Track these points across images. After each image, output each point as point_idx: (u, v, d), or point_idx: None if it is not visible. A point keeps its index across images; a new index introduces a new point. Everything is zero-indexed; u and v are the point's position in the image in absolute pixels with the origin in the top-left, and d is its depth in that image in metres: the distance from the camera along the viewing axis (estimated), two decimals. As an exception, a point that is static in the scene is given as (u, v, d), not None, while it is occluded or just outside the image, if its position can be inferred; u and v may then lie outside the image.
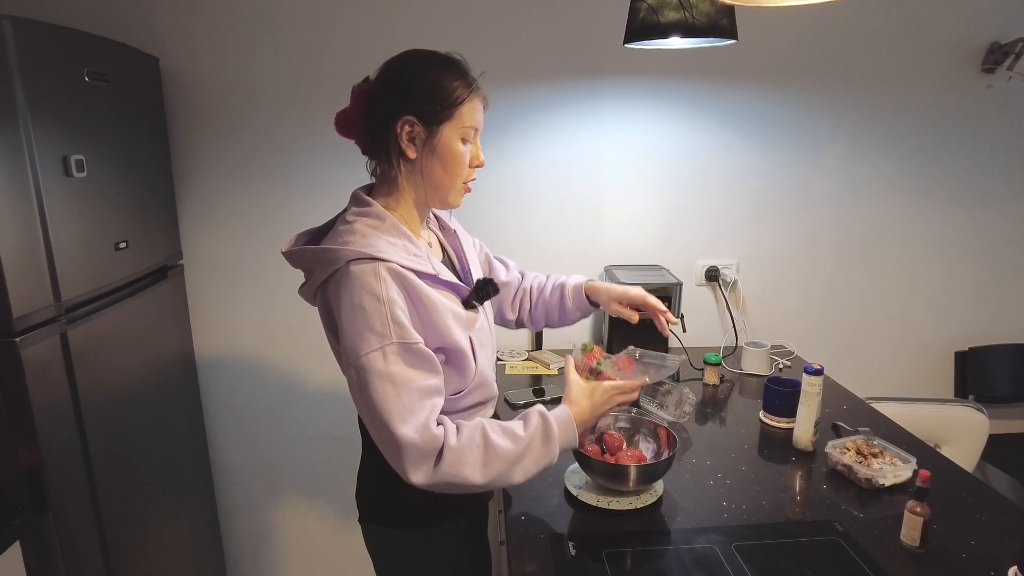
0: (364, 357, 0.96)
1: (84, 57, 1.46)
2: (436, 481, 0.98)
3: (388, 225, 1.06)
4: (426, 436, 0.96)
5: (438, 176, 1.09)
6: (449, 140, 1.07)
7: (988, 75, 2.11)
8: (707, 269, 2.18)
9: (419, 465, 0.97)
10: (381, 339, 0.96)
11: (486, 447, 1.00)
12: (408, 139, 1.06)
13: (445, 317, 1.05)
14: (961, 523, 1.22)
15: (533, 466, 1.04)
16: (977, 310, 2.32)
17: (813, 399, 1.47)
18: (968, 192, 2.22)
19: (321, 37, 1.92)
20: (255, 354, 2.13)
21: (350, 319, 0.98)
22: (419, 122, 1.05)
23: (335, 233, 1.06)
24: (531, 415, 1.07)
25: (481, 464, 0.99)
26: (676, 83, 2.05)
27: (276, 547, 2.32)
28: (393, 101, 1.05)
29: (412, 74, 1.06)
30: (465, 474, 0.98)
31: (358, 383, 0.98)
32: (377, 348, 0.96)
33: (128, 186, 1.64)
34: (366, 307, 0.97)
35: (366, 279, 0.98)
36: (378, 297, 0.97)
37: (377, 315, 0.97)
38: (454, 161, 1.08)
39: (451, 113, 1.05)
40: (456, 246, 1.27)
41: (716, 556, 1.13)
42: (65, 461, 1.37)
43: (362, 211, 1.08)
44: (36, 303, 1.28)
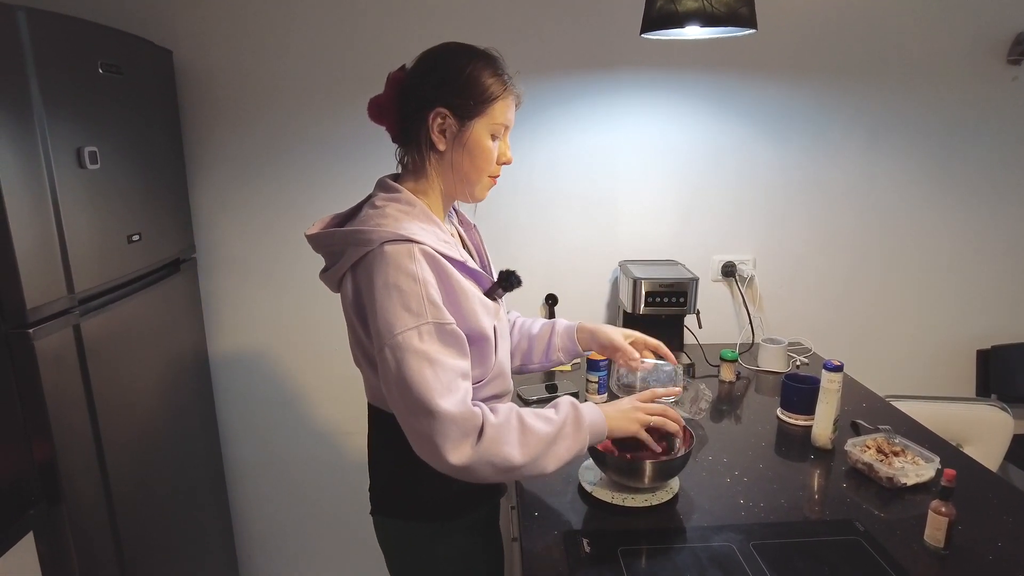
0: (400, 335, 0.96)
1: (98, 49, 1.45)
2: (477, 459, 0.96)
3: (418, 211, 1.07)
4: (465, 412, 0.96)
5: (466, 169, 1.09)
6: (479, 135, 1.07)
7: (1013, 67, 2.07)
8: (723, 264, 2.16)
9: (460, 443, 0.96)
10: (417, 318, 0.96)
11: (522, 427, 1.00)
12: (439, 131, 1.06)
13: (473, 302, 1.05)
14: (987, 524, 1.19)
15: (565, 452, 1.04)
16: (1000, 307, 2.27)
17: (832, 396, 1.44)
18: (991, 187, 2.17)
19: (336, 31, 1.91)
20: (268, 348, 2.13)
21: (385, 299, 0.97)
22: (451, 115, 1.05)
23: (365, 216, 1.06)
24: (561, 402, 1.08)
25: (519, 444, 0.99)
26: (693, 76, 2.02)
27: (289, 541, 2.32)
28: (427, 92, 1.05)
29: (449, 67, 1.06)
30: (506, 452, 0.97)
31: (394, 362, 0.97)
32: (413, 327, 0.96)
33: (141, 179, 1.64)
34: (402, 286, 0.97)
35: (401, 259, 0.98)
36: (414, 277, 0.97)
37: (413, 295, 0.97)
38: (482, 156, 1.09)
39: (484, 109, 1.06)
40: (476, 241, 1.27)
41: (734, 555, 1.11)
42: (78, 453, 1.37)
43: (392, 196, 1.08)
44: (49, 295, 1.28)
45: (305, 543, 2.32)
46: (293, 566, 2.34)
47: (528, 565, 1.10)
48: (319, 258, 1.18)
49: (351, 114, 1.97)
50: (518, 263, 1.76)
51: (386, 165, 1.18)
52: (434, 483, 1.10)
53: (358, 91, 1.95)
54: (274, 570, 2.34)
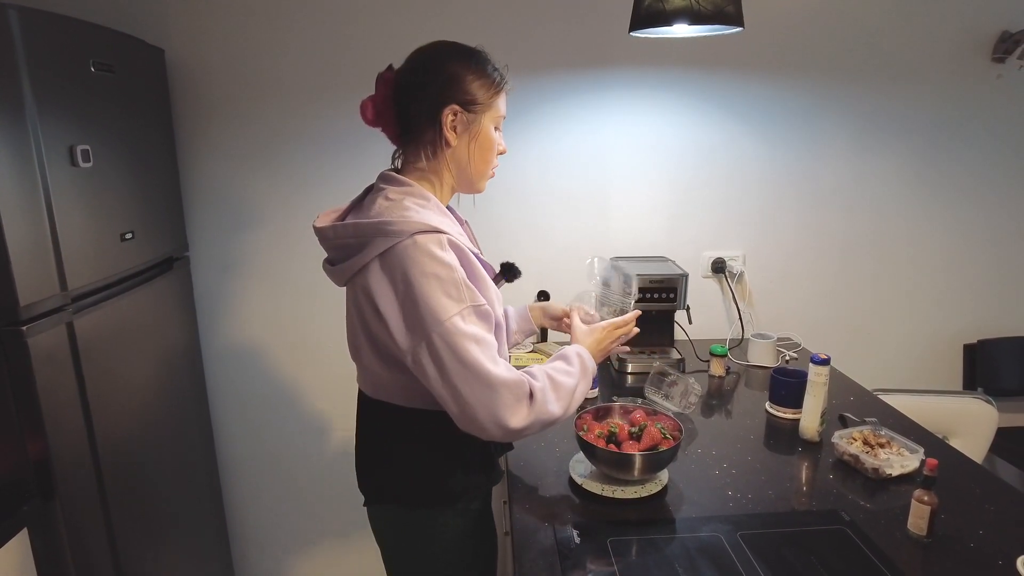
0: (448, 322, 1.00)
1: (90, 48, 1.46)
2: (532, 420, 1.04)
3: (433, 204, 1.11)
4: (517, 378, 1.03)
5: (475, 162, 1.15)
6: (487, 128, 1.14)
7: (998, 65, 2.09)
8: (713, 261, 2.17)
9: (516, 408, 1.03)
10: (459, 303, 1.01)
11: (555, 384, 1.09)
12: (451, 127, 1.10)
13: (490, 290, 1.11)
14: (969, 513, 1.21)
15: (581, 395, 1.13)
16: (986, 302, 2.30)
17: (820, 389, 1.46)
18: (977, 183, 2.20)
19: (329, 30, 1.92)
20: (261, 346, 2.14)
21: (426, 287, 1.00)
22: (464, 111, 1.10)
23: (383, 209, 1.07)
24: (568, 353, 1.18)
25: (557, 400, 1.08)
26: (682, 73, 2.03)
27: (283, 537, 2.32)
28: (435, 91, 1.09)
29: (454, 66, 1.10)
30: (550, 410, 1.06)
31: (446, 347, 1.00)
32: (457, 312, 1.01)
33: (134, 177, 1.64)
34: (440, 274, 1.00)
35: (434, 248, 1.01)
36: (449, 264, 1.02)
37: (451, 281, 1.01)
38: (490, 148, 1.15)
39: (491, 103, 1.12)
40: (470, 236, 1.29)
41: (721, 545, 1.12)
42: (72, 450, 1.38)
43: (405, 190, 1.10)
44: (43, 292, 1.29)
45: (299, 538, 2.33)
46: (287, 561, 2.35)
47: (519, 557, 1.11)
48: (313, 256, 1.20)
49: (344, 112, 1.98)
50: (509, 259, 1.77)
51: (379, 162, 1.19)
52: (427, 470, 1.16)
53: (351, 89, 1.96)
54: (268, 565, 2.35)
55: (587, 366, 1.17)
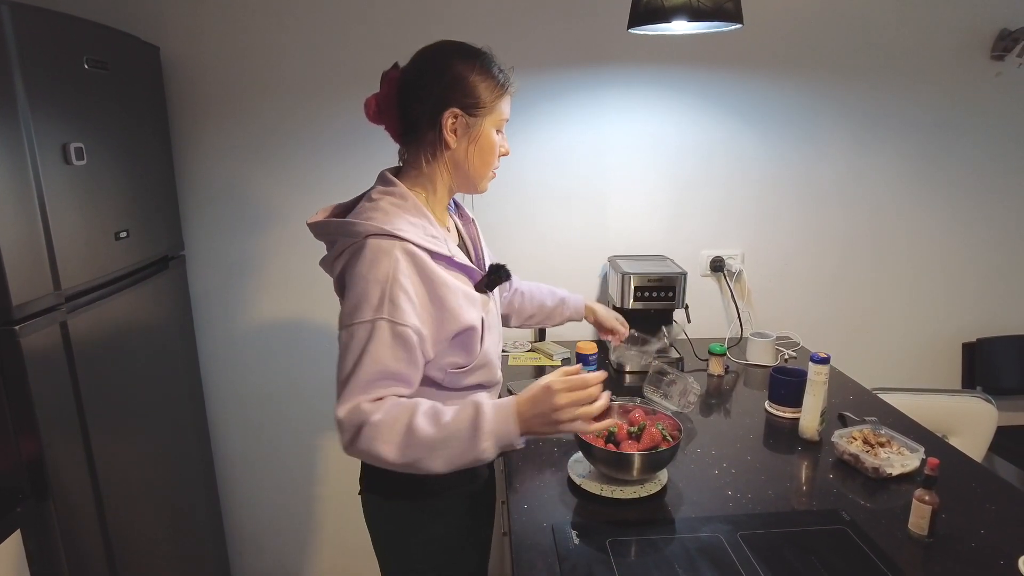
0: (354, 325, 1.01)
1: (84, 44, 1.44)
2: (355, 453, 1.02)
3: (410, 205, 1.11)
4: (354, 416, 1.00)
5: (475, 164, 1.15)
6: (488, 131, 1.13)
7: (997, 62, 2.09)
8: (712, 259, 2.17)
9: (343, 436, 1.02)
10: (374, 312, 1.01)
11: (408, 428, 1.00)
12: (451, 130, 1.10)
13: (457, 297, 1.09)
14: (970, 512, 1.20)
15: (458, 457, 1.01)
16: (985, 301, 2.29)
17: (819, 388, 1.45)
18: (976, 182, 2.19)
19: (326, 28, 1.91)
20: (257, 345, 2.13)
21: (353, 287, 1.03)
22: (464, 114, 1.10)
23: (360, 209, 1.11)
24: (466, 403, 1.03)
25: (398, 444, 0.99)
26: (681, 71, 2.03)
27: (279, 536, 2.31)
28: (437, 93, 1.09)
29: (457, 69, 1.09)
30: (378, 448, 0.99)
31: (341, 346, 1.04)
32: (368, 320, 1.01)
33: (129, 176, 1.63)
34: (369, 279, 1.01)
35: (379, 254, 1.02)
36: (385, 273, 1.01)
37: (376, 289, 1.01)
38: (491, 151, 1.15)
39: (493, 106, 1.12)
40: (473, 234, 1.32)
41: (721, 545, 1.12)
42: (66, 450, 1.36)
43: (387, 190, 1.12)
44: (36, 291, 1.28)
45: (296, 538, 2.32)
46: (283, 560, 2.34)
47: (518, 557, 1.10)
48: (309, 255, 1.21)
49: (341, 111, 1.96)
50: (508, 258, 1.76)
51: (376, 161, 1.20)
52: None
53: (348, 88, 1.94)
54: (265, 564, 2.33)
55: (480, 427, 0.99)
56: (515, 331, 2.16)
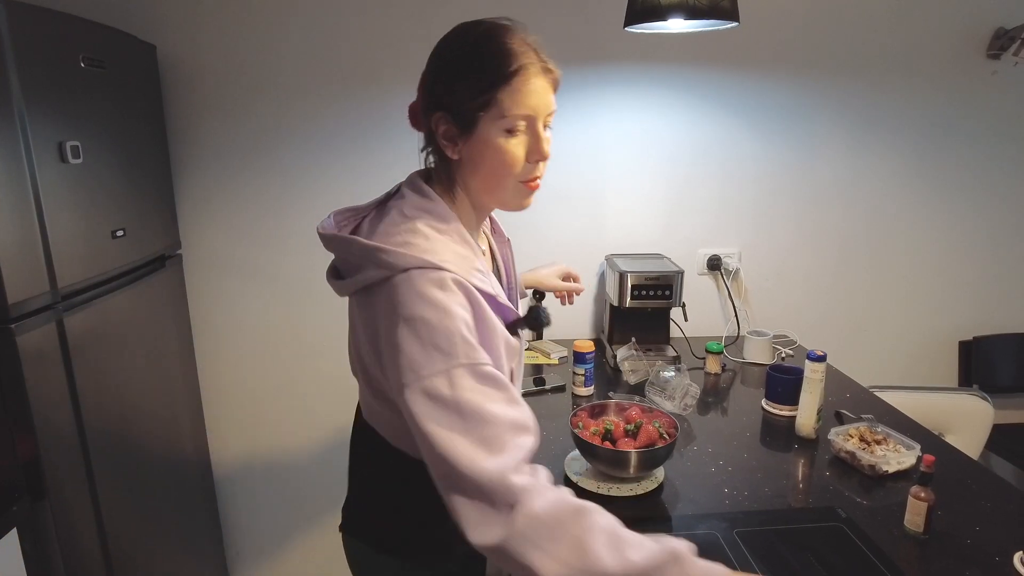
0: (426, 380, 0.79)
1: (80, 43, 1.44)
2: (503, 547, 0.74)
3: (453, 230, 0.91)
4: (497, 481, 0.75)
5: (482, 178, 0.92)
6: (487, 135, 0.88)
7: (993, 61, 2.09)
8: (709, 258, 2.17)
9: (484, 518, 0.75)
10: (447, 359, 0.79)
11: (581, 549, 0.74)
12: (446, 139, 0.90)
13: (500, 345, 0.89)
14: (966, 509, 1.21)
15: None
16: (982, 299, 2.30)
17: (816, 386, 1.45)
18: (973, 180, 2.20)
19: (324, 26, 1.90)
20: (255, 345, 2.12)
21: (409, 334, 0.80)
22: (451, 118, 0.88)
23: (392, 227, 0.88)
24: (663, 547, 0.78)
25: (562, 561, 0.73)
26: (678, 69, 2.03)
27: (277, 536, 2.31)
28: (429, 92, 0.91)
29: (444, 58, 0.90)
30: (532, 558, 0.73)
31: (417, 411, 0.79)
32: (442, 371, 0.79)
33: (125, 174, 1.63)
34: (430, 320, 0.80)
35: (429, 288, 0.81)
36: (445, 308, 0.80)
37: (442, 330, 0.80)
38: (496, 159, 0.89)
39: (485, 102, 0.86)
40: (506, 257, 1.13)
41: (717, 542, 1.12)
42: (63, 449, 1.36)
43: (424, 206, 0.91)
44: (32, 289, 1.27)
45: (294, 538, 2.32)
46: (281, 561, 2.34)
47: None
48: (306, 253, 1.11)
49: (339, 110, 1.96)
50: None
51: (375, 160, 1.15)
52: (409, 516, 1.00)
53: (346, 87, 1.94)
54: (262, 565, 2.33)
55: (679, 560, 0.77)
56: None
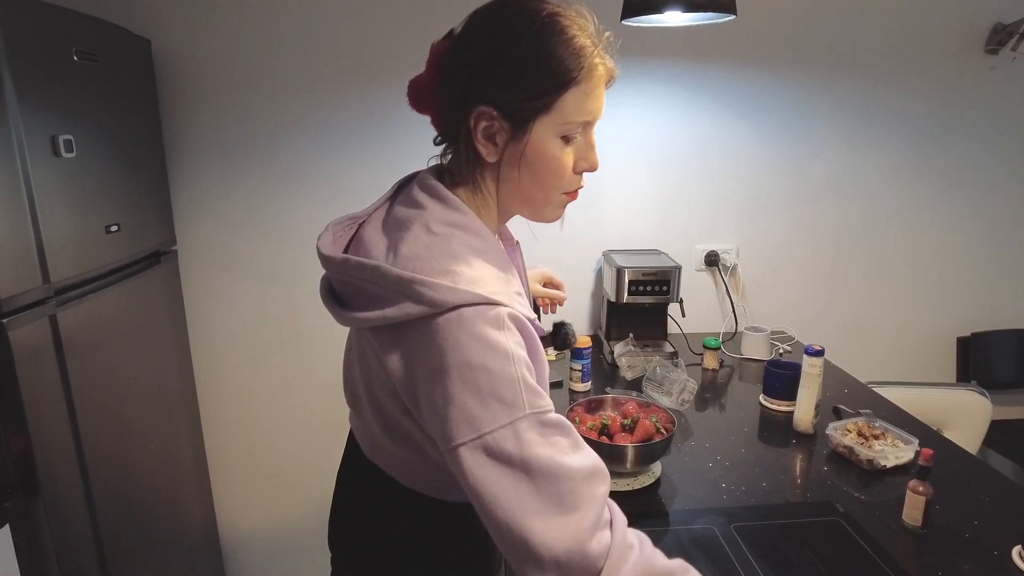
0: (489, 436, 0.69)
1: (73, 36, 1.43)
2: None
3: (491, 249, 0.78)
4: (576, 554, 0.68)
5: (527, 187, 0.81)
6: (542, 141, 0.77)
7: (991, 56, 2.09)
8: (706, 254, 2.16)
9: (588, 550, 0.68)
10: (511, 412, 0.69)
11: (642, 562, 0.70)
12: (484, 137, 0.77)
13: (546, 376, 0.80)
14: (964, 503, 1.20)
15: None
16: (980, 295, 2.30)
17: (814, 381, 1.45)
18: (971, 176, 2.19)
19: (321, 21, 1.89)
20: (250, 341, 2.11)
21: (464, 384, 0.69)
22: (500, 115, 0.76)
23: (422, 249, 0.74)
24: None
25: None
26: (675, 64, 2.02)
27: (273, 534, 2.30)
28: (469, 79, 0.76)
29: (496, 40, 0.75)
30: None
31: (477, 470, 0.69)
32: (506, 424, 0.69)
33: (119, 169, 1.61)
34: (491, 367, 0.69)
35: (487, 330, 0.70)
36: (506, 353, 0.70)
37: (505, 379, 0.69)
38: (549, 170, 0.79)
39: (549, 103, 0.75)
40: (519, 264, 1.00)
41: (715, 537, 1.11)
42: (56, 445, 1.35)
43: (455, 220, 0.77)
44: (24, 284, 1.26)
45: (289, 536, 2.31)
46: (277, 558, 2.33)
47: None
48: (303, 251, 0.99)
49: (337, 105, 1.94)
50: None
51: (373, 158, 1.10)
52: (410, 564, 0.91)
53: (343, 82, 1.93)
54: (259, 562, 2.32)
55: None
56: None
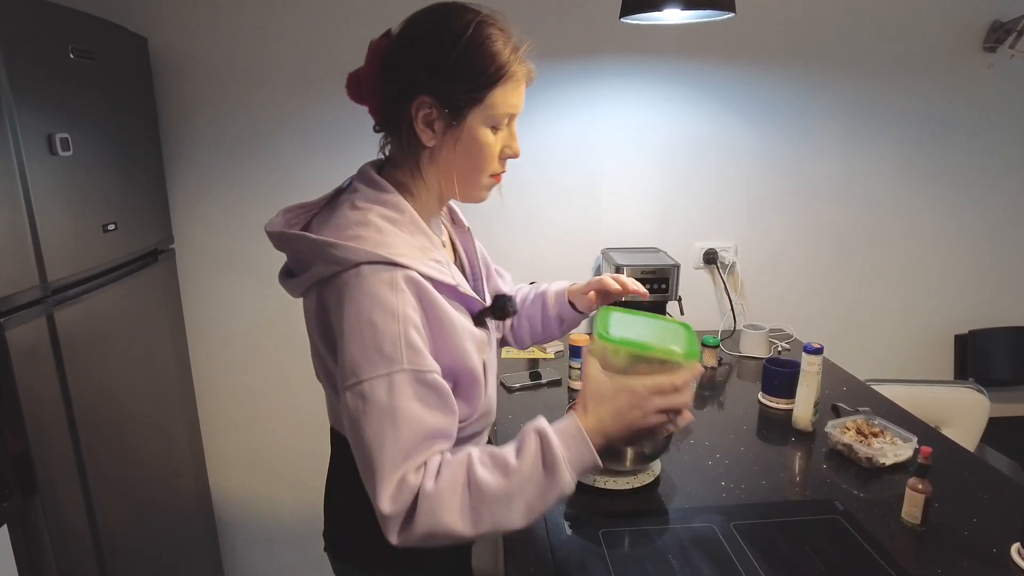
0: (366, 382, 0.80)
1: (68, 34, 1.42)
2: (414, 537, 0.80)
3: (407, 219, 0.89)
4: (401, 496, 0.79)
5: (460, 169, 0.92)
6: (474, 129, 0.88)
7: (989, 54, 2.09)
8: (705, 252, 2.16)
9: (392, 527, 0.80)
10: (389, 364, 0.80)
11: (470, 486, 0.80)
12: (424, 123, 0.88)
13: (463, 339, 0.89)
14: (962, 501, 1.20)
15: (539, 502, 0.81)
16: (977, 293, 2.30)
17: (813, 379, 1.45)
18: (969, 173, 2.19)
19: (319, 19, 1.89)
20: (248, 340, 2.11)
21: (355, 335, 0.80)
22: (438, 105, 0.86)
23: (343, 221, 0.87)
24: (527, 437, 0.83)
25: (468, 509, 0.79)
26: (674, 62, 2.02)
27: (271, 531, 2.30)
28: (410, 73, 0.86)
29: (436, 40, 0.85)
30: (444, 521, 0.78)
31: (352, 411, 0.81)
32: (383, 374, 0.79)
33: (116, 167, 1.61)
34: (376, 323, 0.80)
35: (380, 288, 0.81)
36: (393, 312, 0.80)
37: (388, 334, 0.80)
38: (480, 154, 0.90)
39: (480, 96, 0.86)
40: (468, 247, 1.10)
41: (715, 535, 1.11)
42: (54, 445, 1.35)
43: (377, 197, 0.90)
44: (21, 283, 1.26)
45: (288, 533, 2.31)
46: (275, 556, 2.33)
47: (510, 549, 1.10)
48: None
49: (334, 104, 1.94)
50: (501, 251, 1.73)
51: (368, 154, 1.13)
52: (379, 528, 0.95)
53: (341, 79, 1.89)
54: (256, 560, 2.32)
55: (553, 460, 0.81)
56: (508, 324, 2.15)
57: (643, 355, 0.87)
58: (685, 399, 0.86)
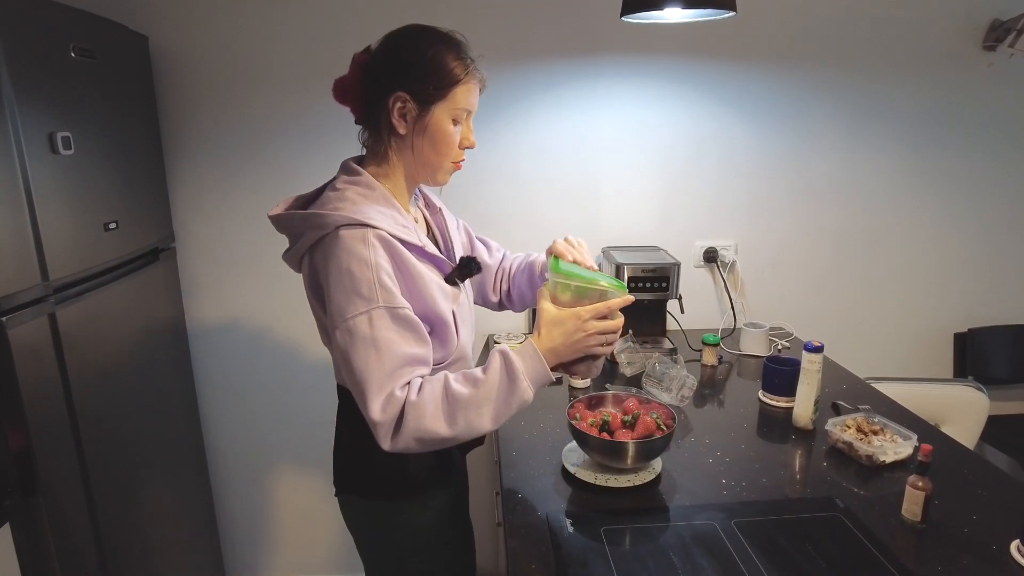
0: (350, 320, 0.98)
1: (70, 32, 1.42)
2: (404, 442, 0.98)
3: (378, 195, 1.09)
4: (390, 407, 0.97)
5: (427, 154, 1.11)
6: (440, 120, 1.08)
7: (989, 53, 2.09)
8: (705, 250, 2.16)
9: (384, 432, 0.98)
10: (367, 303, 0.98)
11: (447, 396, 0.99)
12: (399, 115, 1.08)
13: (431, 287, 1.07)
14: (962, 499, 1.21)
15: (504, 407, 1.01)
16: (977, 291, 2.30)
17: (813, 377, 1.45)
18: (968, 172, 2.20)
19: (319, 18, 1.89)
20: (249, 338, 2.11)
21: (337, 283, 1.00)
22: (411, 99, 1.06)
23: (325, 199, 1.08)
24: (492, 357, 1.03)
25: (444, 414, 0.99)
26: (674, 61, 2.02)
27: (272, 527, 2.31)
28: (389, 76, 1.07)
29: (410, 51, 1.07)
30: (428, 425, 0.98)
31: (342, 347, 1.00)
32: (363, 312, 0.98)
33: (117, 166, 1.61)
34: (354, 271, 0.98)
35: (354, 244, 0.99)
36: (366, 262, 0.99)
37: (364, 279, 0.98)
38: (443, 141, 1.10)
39: (444, 93, 1.07)
40: (440, 224, 1.28)
41: (716, 532, 1.12)
42: (56, 443, 1.35)
43: (352, 180, 1.10)
44: (23, 282, 1.26)
45: (289, 528, 2.31)
46: (276, 551, 2.33)
47: (512, 547, 1.10)
48: None
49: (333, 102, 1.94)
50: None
51: None
52: (388, 461, 1.11)
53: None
54: (258, 556, 2.33)
55: (514, 371, 1.01)
56: (507, 321, 2.16)
57: (584, 287, 1.07)
58: (617, 323, 1.09)
